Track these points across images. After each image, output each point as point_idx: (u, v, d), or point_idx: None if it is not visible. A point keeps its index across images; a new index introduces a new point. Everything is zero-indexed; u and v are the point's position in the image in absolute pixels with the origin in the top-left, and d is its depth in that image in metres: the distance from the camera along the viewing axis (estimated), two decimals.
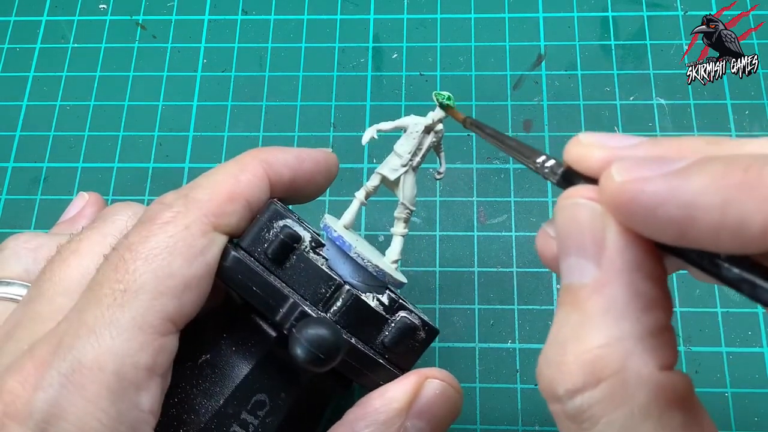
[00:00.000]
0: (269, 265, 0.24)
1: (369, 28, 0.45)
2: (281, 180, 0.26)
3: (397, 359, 0.24)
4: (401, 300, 0.25)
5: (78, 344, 0.20)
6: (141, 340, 0.20)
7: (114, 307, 0.21)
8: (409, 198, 0.27)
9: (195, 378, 0.24)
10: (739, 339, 0.36)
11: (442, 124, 0.27)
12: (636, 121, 0.41)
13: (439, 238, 0.39)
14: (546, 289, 0.37)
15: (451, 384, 0.25)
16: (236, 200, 0.24)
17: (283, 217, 0.24)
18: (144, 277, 0.21)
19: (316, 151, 0.27)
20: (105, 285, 0.21)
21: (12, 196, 0.41)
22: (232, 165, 0.25)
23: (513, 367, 0.36)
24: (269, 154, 0.26)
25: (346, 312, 0.23)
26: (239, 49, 0.45)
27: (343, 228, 0.26)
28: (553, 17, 0.44)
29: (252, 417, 0.23)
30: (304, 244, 0.24)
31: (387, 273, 0.25)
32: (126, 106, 0.43)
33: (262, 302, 0.23)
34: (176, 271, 0.22)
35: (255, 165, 0.25)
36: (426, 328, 0.25)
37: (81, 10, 0.46)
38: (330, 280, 0.24)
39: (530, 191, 0.40)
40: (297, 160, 0.26)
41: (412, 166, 0.27)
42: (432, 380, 0.24)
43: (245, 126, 0.42)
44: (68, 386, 0.19)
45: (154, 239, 0.22)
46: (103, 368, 0.20)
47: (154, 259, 0.21)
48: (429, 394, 0.24)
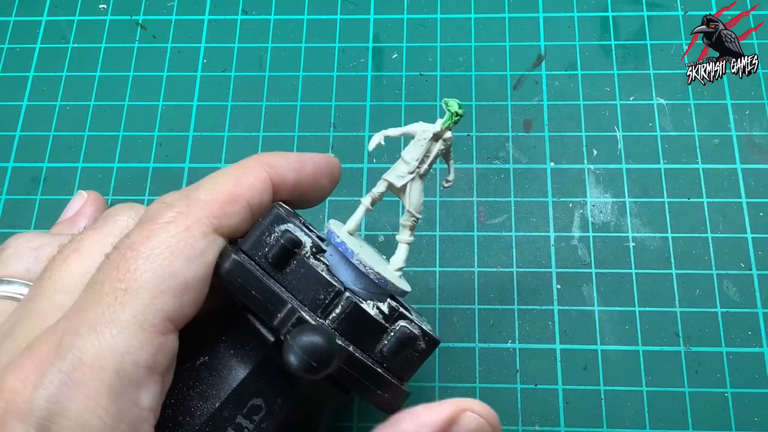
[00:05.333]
0: (269, 270, 0.24)
1: (369, 28, 0.45)
2: (285, 183, 0.26)
3: (396, 369, 0.24)
4: (402, 309, 0.24)
5: (78, 342, 0.20)
6: (141, 339, 0.20)
7: (115, 305, 0.21)
8: (415, 205, 0.27)
9: (192, 380, 0.24)
10: (739, 339, 0.36)
11: (450, 132, 0.27)
12: (636, 121, 0.41)
13: (439, 238, 0.39)
14: (546, 289, 0.37)
15: (489, 421, 0.23)
16: (237, 202, 0.24)
17: (285, 221, 0.24)
18: (145, 276, 0.21)
19: (318, 155, 0.27)
20: (106, 283, 0.21)
21: (12, 196, 0.41)
22: (235, 167, 0.25)
23: (513, 367, 0.36)
24: (272, 158, 0.26)
25: (345, 319, 0.23)
26: (239, 49, 0.45)
27: (347, 234, 0.26)
28: (553, 17, 0.44)
29: (247, 421, 0.23)
30: (304, 250, 0.24)
31: (389, 281, 0.25)
32: (126, 106, 0.43)
33: (260, 306, 0.23)
34: (177, 271, 0.22)
35: (258, 168, 0.25)
36: (426, 339, 0.24)
37: (81, 10, 0.46)
38: (329, 286, 0.23)
39: (530, 191, 0.40)
40: (300, 164, 0.26)
41: (420, 173, 0.27)
42: (470, 414, 0.23)
43: (245, 126, 0.42)
44: (69, 384, 0.19)
45: (155, 239, 0.22)
46: (103, 366, 0.20)
47: (155, 259, 0.21)
48: (464, 428, 0.22)
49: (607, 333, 0.36)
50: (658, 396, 0.35)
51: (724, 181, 0.39)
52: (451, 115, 0.26)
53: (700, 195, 0.39)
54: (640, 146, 0.40)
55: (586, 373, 0.36)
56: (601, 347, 0.36)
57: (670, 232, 0.38)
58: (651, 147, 0.40)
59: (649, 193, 0.39)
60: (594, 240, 0.38)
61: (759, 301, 0.37)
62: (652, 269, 0.38)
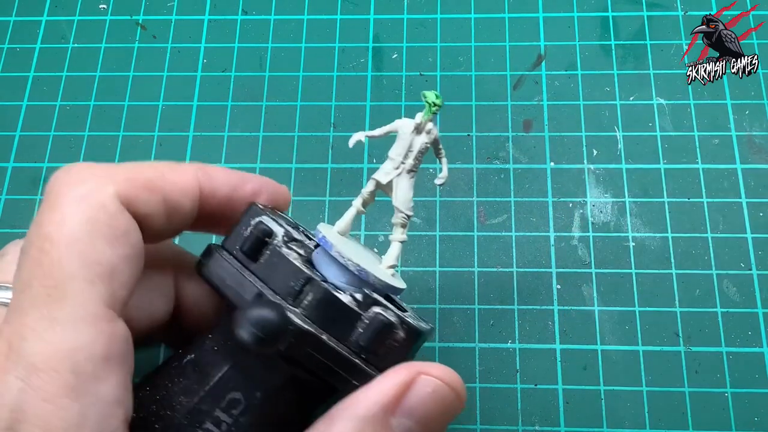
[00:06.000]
0: (244, 261, 0.24)
1: (369, 28, 0.45)
2: (215, 196, 0.25)
3: (375, 359, 0.23)
4: (375, 296, 0.24)
5: (27, 347, 0.19)
6: (89, 332, 0.20)
7: (50, 303, 0.20)
8: (402, 201, 0.26)
9: (177, 376, 0.24)
10: (739, 339, 0.36)
11: (432, 124, 0.27)
12: (636, 121, 0.41)
13: (438, 238, 0.39)
14: (546, 289, 0.37)
15: (449, 383, 0.22)
16: (154, 192, 0.23)
17: (260, 215, 0.24)
18: (71, 267, 0.20)
19: (266, 181, 0.27)
20: (34, 282, 0.20)
21: (12, 196, 0.41)
22: (166, 163, 0.24)
23: (513, 367, 0.36)
24: (212, 169, 0.25)
25: (316, 306, 0.23)
26: (239, 49, 0.45)
27: (336, 234, 0.26)
28: (553, 17, 0.44)
29: (226, 415, 0.23)
30: (276, 239, 0.24)
31: (378, 278, 0.24)
32: (126, 106, 0.43)
33: (234, 297, 0.23)
34: (101, 258, 0.21)
35: (189, 171, 0.25)
36: (405, 327, 0.23)
37: (81, 10, 0.46)
38: (299, 273, 0.23)
39: (530, 191, 0.40)
40: (240, 182, 0.26)
41: (406, 168, 0.26)
42: (425, 377, 0.22)
43: (245, 126, 0.42)
44: (26, 390, 0.19)
45: (70, 223, 0.21)
46: (57, 368, 0.19)
47: (75, 245, 0.20)
48: (420, 392, 0.22)
49: (607, 333, 0.36)
50: (658, 396, 0.35)
51: (724, 181, 0.39)
52: (429, 106, 0.26)
53: (700, 195, 0.39)
54: (640, 146, 0.40)
55: (586, 373, 0.36)
56: (601, 347, 0.36)
57: (670, 232, 0.38)
58: (651, 147, 0.40)
59: (649, 193, 0.39)
60: (594, 240, 0.38)
61: (759, 301, 0.37)
62: (652, 269, 0.38)
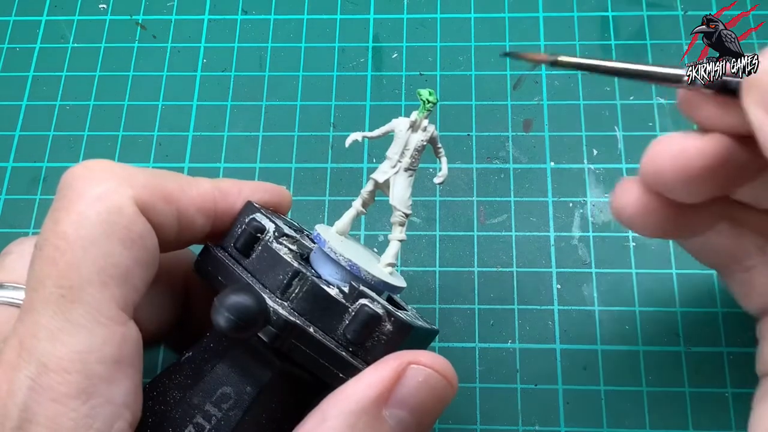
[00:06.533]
0: (238, 257, 0.24)
1: (369, 28, 0.45)
2: (229, 213, 0.26)
3: (364, 353, 0.23)
4: (362, 288, 0.23)
5: (39, 347, 0.19)
6: (101, 334, 0.20)
7: (64, 304, 0.20)
8: (399, 200, 0.27)
9: (175, 373, 0.24)
10: (739, 339, 0.36)
11: (428, 121, 0.27)
12: (636, 121, 0.41)
13: (438, 238, 0.39)
14: (546, 289, 0.37)
15: (440, 370, 0.22)
16: (170, 203, 0.23)
17: (254, 212, 0.25)
18: (86, 269, 0.20)
19: (274, 187, 0.28)
20: (48, 281, 0.20)
21: (12, 196, 0.41)
22: (185, 176, 0.25)
23: (513, 367, 0.36)
24: (228, 187, 0.26)
25: (303, 298, 0.23)
26: (239, 49, 0.45)
27: (334, 234, 0.26)
28: (553, 17, 0.44)
29: (216, 409, 0.23)
30: (268, 235, 0.24)
31: (371, 273, 0.24)
32: (126, 106, 0.43)
33: None
34: (117, 261, 0.21)
35: (207, 188, 0.25)
36: (392, 320, 0.23)
37: (81, 10, 0.46)
38: (287, 266, 0.23)
39: (530, 191, 0.40)
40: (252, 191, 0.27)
41: (402, 166, 0.27)
42: (415, 366, 0.22)
43: (245, 126, 0.42)
44: (37, 389, 0.19)
45: (87, 223, 0.21)
46: (68, 369, 0.19)
47: (91, 247, 0.20)
48: (411, 381, 0.21)
49: (607, 333, 0.36)
50: (658, 396, 0.35)
51: None
52: (424, 104, 0.26)
53: None
54: (640, 146, 0.40)
55: (586, 373, 0.36)
56: (601, 347, 0.36)
57: None
58: None
59: None
60: (594, 240, 0.38)
61: None
62: (652, 269, 0.38)
